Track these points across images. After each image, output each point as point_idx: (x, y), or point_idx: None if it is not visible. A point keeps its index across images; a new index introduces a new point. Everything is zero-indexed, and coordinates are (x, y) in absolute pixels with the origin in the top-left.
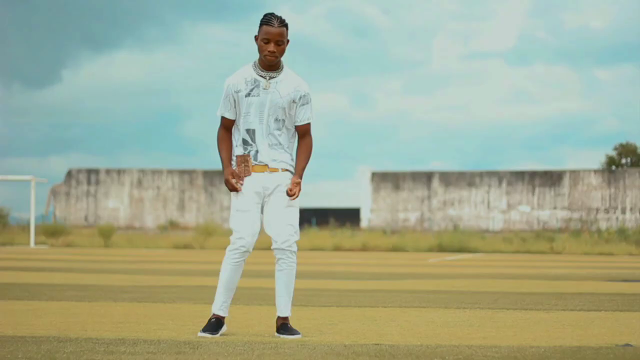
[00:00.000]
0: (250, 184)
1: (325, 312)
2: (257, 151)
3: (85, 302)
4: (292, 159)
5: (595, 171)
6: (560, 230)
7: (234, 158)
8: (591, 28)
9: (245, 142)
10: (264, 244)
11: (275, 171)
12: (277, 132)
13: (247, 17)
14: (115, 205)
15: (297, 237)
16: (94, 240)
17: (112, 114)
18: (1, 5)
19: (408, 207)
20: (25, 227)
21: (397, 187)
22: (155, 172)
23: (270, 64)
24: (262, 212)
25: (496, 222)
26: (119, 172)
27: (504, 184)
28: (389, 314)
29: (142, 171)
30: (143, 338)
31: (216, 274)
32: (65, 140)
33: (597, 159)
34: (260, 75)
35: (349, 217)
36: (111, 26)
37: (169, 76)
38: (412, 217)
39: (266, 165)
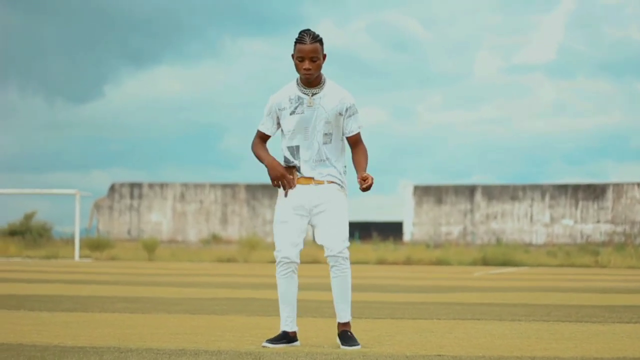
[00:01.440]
0: (294, 195)
1: (380, 324)
2: (298, 167)
3: (139, 314)
4: (339, 173)
5: (639, 184)
6: (603, 244)
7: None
8: (633, 40)
9: (286, 159)
10: (309, 258)
11: (320, 183)
12: (324, 147)
13: (288, 32)
14: (158, 219)
15: (347, 243)
16: (138, 254)
17: (154, 129)
18: (44, 22)
19: (450, 221)
20: (68, 241)
21: (439, 200)
22: (198, 186)
23: (308, 81)
24: (308, 223)
25: (539, 235)
26: (162, 186)
27: (547, 198)
28: (445, 326)
29: (185, 185)
30: (203, 349)
31: (263, 287)
32: (108, 155)
33: None
34: (304, 93)
35: (391, 230)
36: (152, 41)
37: (210, 90)
38: (455, 230)
39: (311, 177)
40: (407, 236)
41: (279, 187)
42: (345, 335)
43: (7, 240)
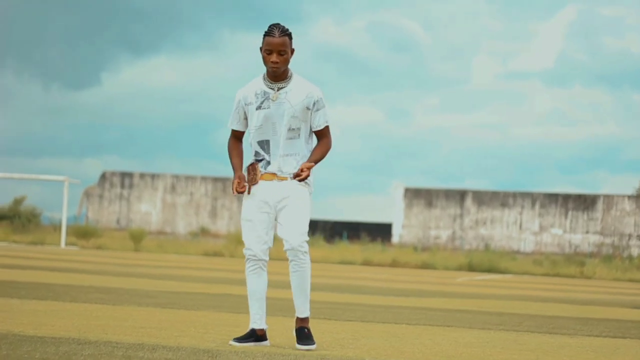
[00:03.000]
0: (258, 192)
1: (349, 326)
2: (268, 162)
3: (109, 305)
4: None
5: (629, 197)
6: (591, 255)
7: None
8: (631, 52)
9: (257, 153)
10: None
11: (284, 179)
12: (291, 142)
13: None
14: (147, 209)
15: (306, 237)
16: (125, 244)
17: (148, 118)
18: (44, 7)
19: (440, 225)
20: (57, 228)
21: (429, 204)
22: (189, 178)
23: (275, 75)
24: (275, 219)
25: (527, 243)
26: (153, 176)
27: (537, 206)
28: (413, 332)
29: (176, 177)
30: (162, 344)
31: (242, 283)
32: (101, 143)
33: (631, 185)
34: (269, 87)
35: (380, 232)
36: (151, 31)
37: (207, 83)
38: (444, 234)
39: (274, 174)
40: (395, 238)
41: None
42: (302, 333)
43: None
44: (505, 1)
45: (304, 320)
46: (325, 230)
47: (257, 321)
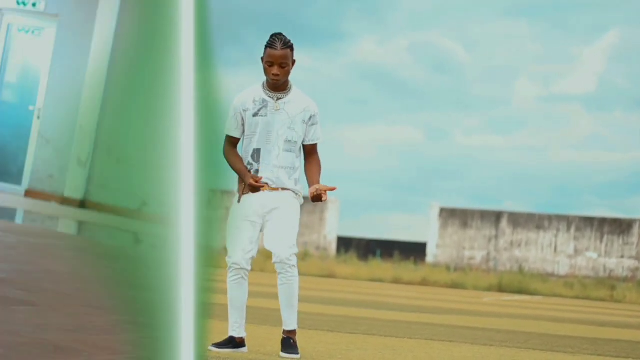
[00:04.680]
0: (248, 201)
1: (348, 338)
2: (257, 170)
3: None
4: (295, 182)
5: None
6: (625, 279)
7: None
8: None
9: (248, 162)
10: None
11: (275, 190)
12: (285, 154)
13: (327, 45)
14: None
15: (294, 249)
16: None
17: None
18: None
19: (474, 246)
20: None
21: (464, 224)
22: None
23: (276, 86)
24: (261, 230)
25: (562, 266)
26: None
27: (572, 229)
28: (411, 345)
29: None
30: None
31: (255, 295)
32: None
33: None
34: (269, 96)
35: (414, 251)
36: None
37: None
38: (478, 255)
39: (266, 184)
40: (429, 258)
41: (255, 192)
42: (287, 343)
43: None
44: (547, 24)
45: (291, 332)
46: (359, 248)
47: (236, 329)
